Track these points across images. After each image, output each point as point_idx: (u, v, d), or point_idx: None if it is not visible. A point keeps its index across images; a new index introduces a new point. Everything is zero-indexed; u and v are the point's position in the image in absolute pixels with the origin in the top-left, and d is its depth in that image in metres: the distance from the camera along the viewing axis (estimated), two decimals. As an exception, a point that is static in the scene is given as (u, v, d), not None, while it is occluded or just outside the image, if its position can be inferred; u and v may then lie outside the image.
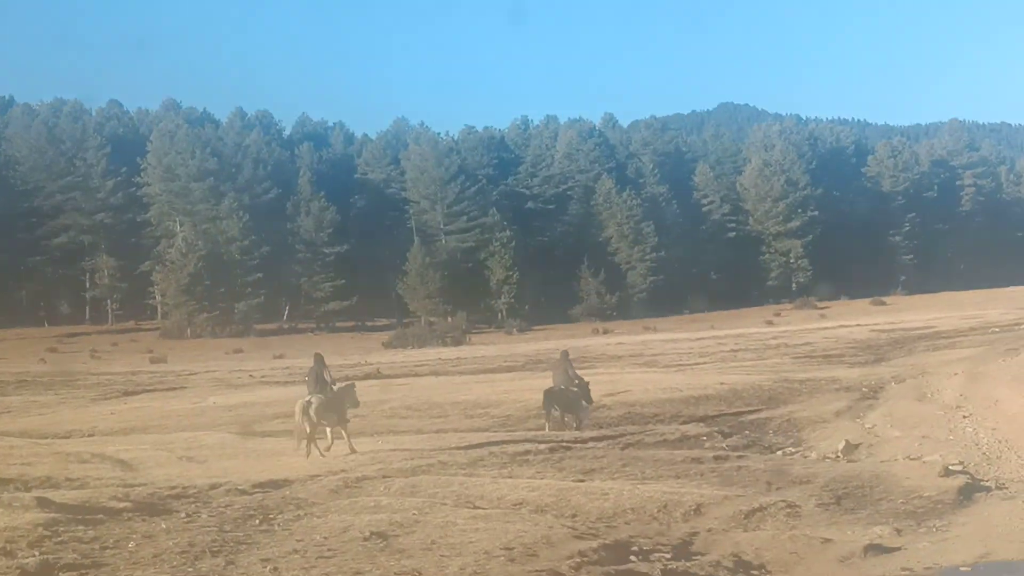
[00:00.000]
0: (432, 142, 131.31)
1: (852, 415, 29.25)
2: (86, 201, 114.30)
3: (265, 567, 12.56)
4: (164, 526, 15.03)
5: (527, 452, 23.65)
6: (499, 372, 53.41)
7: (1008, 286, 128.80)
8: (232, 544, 13.84)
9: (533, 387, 38.15)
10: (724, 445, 25.59)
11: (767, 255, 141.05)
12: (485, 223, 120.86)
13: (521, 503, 17.53)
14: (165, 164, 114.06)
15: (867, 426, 26.94)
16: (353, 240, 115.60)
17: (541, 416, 30.20)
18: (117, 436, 31.15)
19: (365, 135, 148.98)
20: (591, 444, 25.37)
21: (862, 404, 31.30)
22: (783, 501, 17.68)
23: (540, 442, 25.32)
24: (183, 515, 16.16)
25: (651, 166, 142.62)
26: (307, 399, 25.16)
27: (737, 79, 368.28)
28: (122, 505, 16.55)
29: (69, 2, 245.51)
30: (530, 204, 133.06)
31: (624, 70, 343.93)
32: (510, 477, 20.36)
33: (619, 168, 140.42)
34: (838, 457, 23.40)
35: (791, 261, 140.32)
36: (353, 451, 24.59)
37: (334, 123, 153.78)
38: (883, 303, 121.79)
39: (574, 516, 16.61)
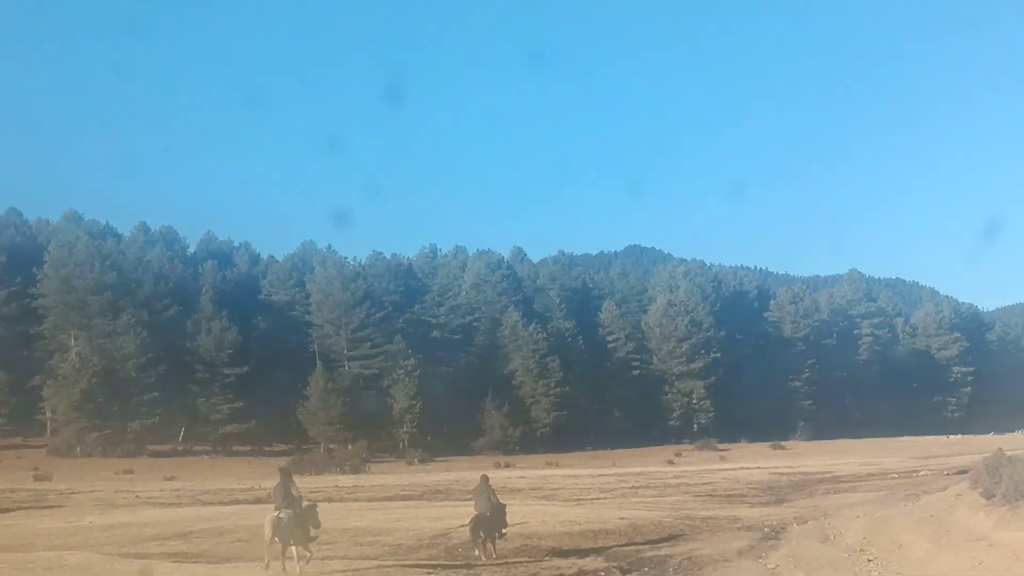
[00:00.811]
0: (339, 266, 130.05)
1: (755, 555, 28.42)
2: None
3: None
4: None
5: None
6: (396, 500, 51.86)
7: (903, 435, 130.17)
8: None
9: (429, 515, 36.98)
10: (623, 583, 24.52)
11: (670, 395, 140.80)
12: (389, 350, 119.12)
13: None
14: (62, 276, 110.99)
15: (770, 567, 26.08)
16: (254, 362, 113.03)
17: (436, 547, 29.08)
18: (-20, 553, 29.32)
19: (271, 256, 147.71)
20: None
21: (764, 544, 30.51)
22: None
23: (430, 571, 24.03)
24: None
25: (558, 301, 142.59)
26: (278, 514, 24.83)
27: (644, 223, 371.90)
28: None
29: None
30: (436, 333, 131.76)
31: (534, 207, 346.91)
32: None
33: (526, 301, 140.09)
34: (742, 598, 22.49)
35: (693, 402, 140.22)
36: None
37: (240, 243, 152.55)
38: (782, 447, 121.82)
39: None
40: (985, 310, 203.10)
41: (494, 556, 28.57)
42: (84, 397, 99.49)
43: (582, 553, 29.07)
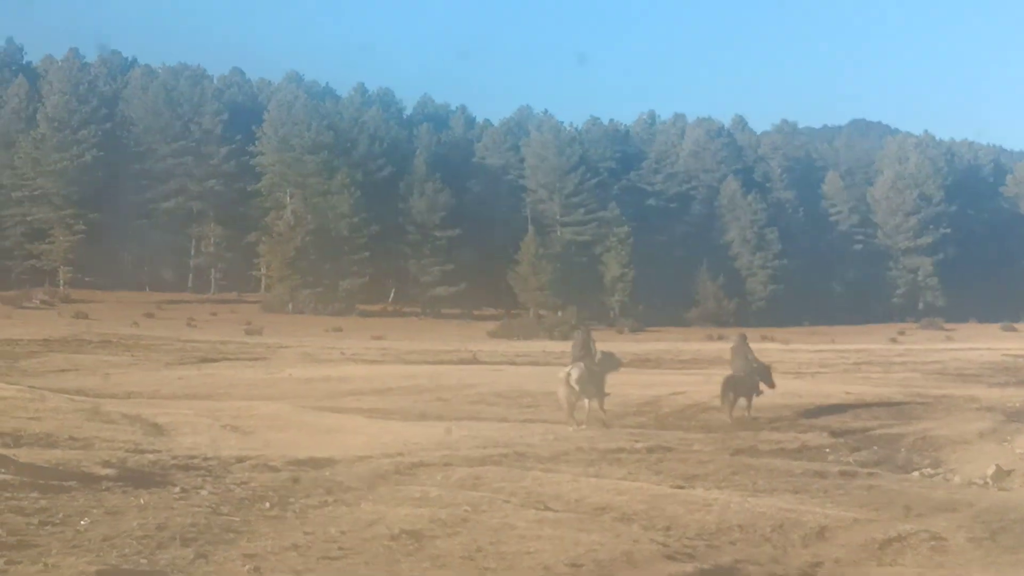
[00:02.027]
0: (554, 130, 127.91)
1: (998, 438, 25.46)
2: (198, 167, 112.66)
3: (245, 564, 9.46)
4: (142, 501, 11.99)
5: (620, 450, 20.33)
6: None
7: None
8: (217, 531, 10.77)
9: (637, 383, 34.94)
10: (851, 460, 21.96)
11: (894, 271, 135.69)
12: (603, 217, 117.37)
13: (604, 508, 14.26)
14: (280, 135, 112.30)
15: (1018, 451, 23.17)
16: (466, 225, 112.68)
17: (644, 414, 27.45)
18: (174, 400, 28.54)
19: (487, 120, 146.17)
20: (696, 447, 21.88)
21: (1008, 427, 27.45)
22: (925, 531, 14.22)
23: (637, 440, 21.95)
24: (177, 490, 13.11)
25: (779, 171, 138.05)
26: (568, 370, 25.07)
27: (871, 96, 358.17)
28: (105, 472, 13.55)
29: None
30: (651, 201, 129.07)
31: (757, 76, 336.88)
32: (596, 477, 17.08)
33: (746, 171, 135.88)
34: (987, 484, 19.71)
35: (919, 279, 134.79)
36: (606, 425, 24.66)
37: (456, 107, 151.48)
38: (1014, 329, 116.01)
39: (667, 529, 13.32)
40: None
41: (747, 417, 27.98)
42: (297, 255, 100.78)
43: (804, 427, 26.67)
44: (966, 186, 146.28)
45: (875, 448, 23.89)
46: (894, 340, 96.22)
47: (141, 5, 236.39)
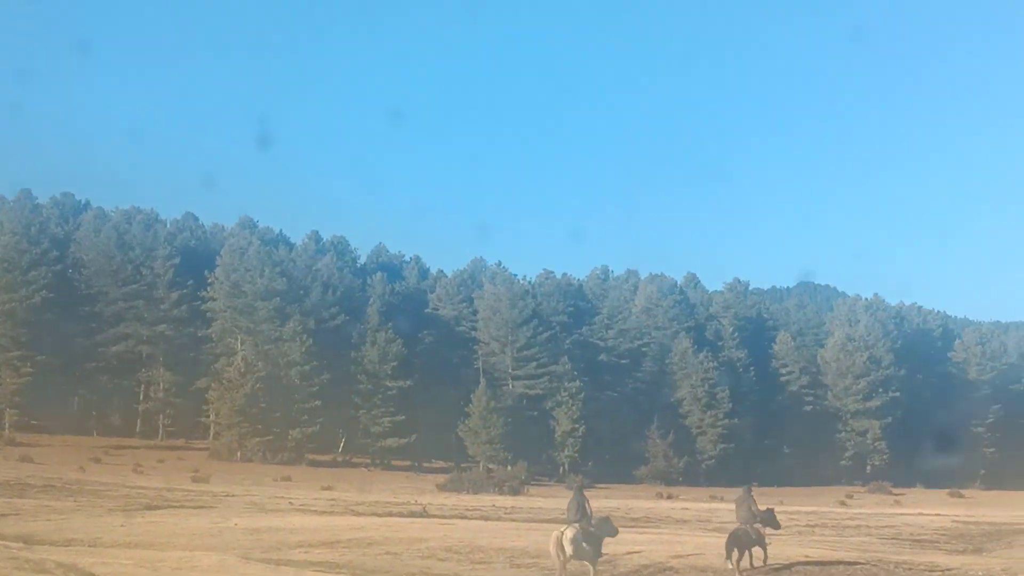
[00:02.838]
0: (508, 283, 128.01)
1: (966, 608, 24.91)
2: (149, 311, 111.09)
3: None
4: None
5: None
6: (556, 523, 49.10)
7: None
8: None
9: (591, 540, 34.05)
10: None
11: (843, 433, 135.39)
12: (555, 371, 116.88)
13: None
14: (232, 280, 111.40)
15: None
16: (417, 376, 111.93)
17: (600, 574, 26.55)
18: (114, 548, 27.46)
19: (440, 271, 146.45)
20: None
21: (975, 598, 26.93)
22: None
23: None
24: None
25: (731, 329, 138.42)
26: (562, 530, 25.22)
27: (819, 259, 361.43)
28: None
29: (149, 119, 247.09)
30: (603, 356, 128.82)
31: (707, 235, 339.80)
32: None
33: (698, 329, 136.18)
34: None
35: (868, 442, 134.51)
36: None
37: (410, 257, 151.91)
38: (961, 495, 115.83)
39: None
40: None
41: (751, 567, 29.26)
42: (247, 402, 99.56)
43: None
44: (915, 350, 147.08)
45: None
46: (843, 503, 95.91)
47: (94, 147, 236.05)
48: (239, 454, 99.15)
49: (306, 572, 23.82)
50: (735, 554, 29.16)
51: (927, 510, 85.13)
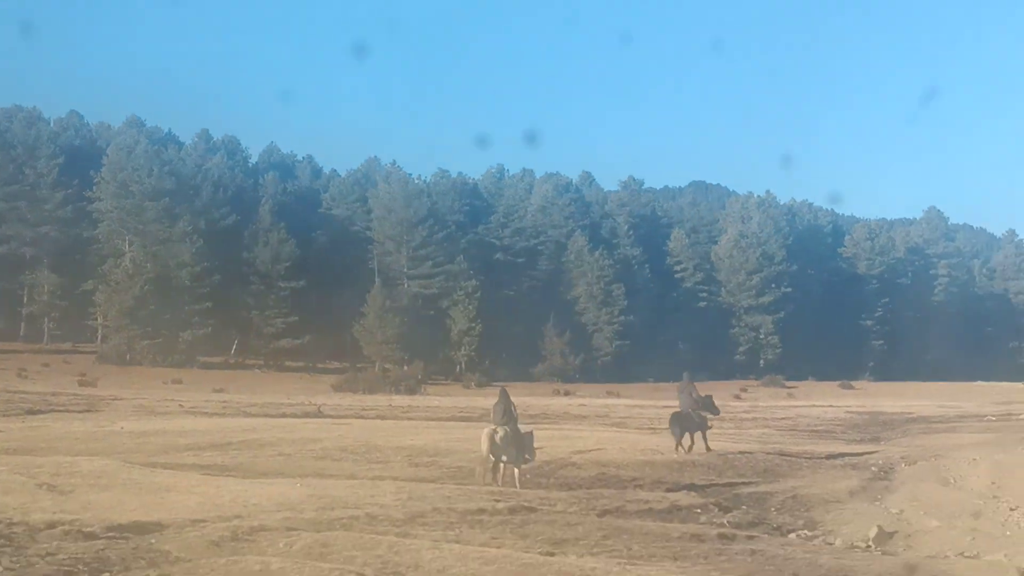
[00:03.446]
0: (402, 182, 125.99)
1: (868, 496, 24.64)
2: (32, 212, 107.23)
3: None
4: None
5: (481, 511, 18.72)
6: (454, 421, 48.45)
7: (975, 380, 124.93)
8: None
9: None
10: (725, 521, 20.72)
11: (737, 328, 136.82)
12: (451, 270, 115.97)
13: (469, 580, 12.65)
14: (120, 180, 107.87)
15: (893, 511, 22.24)
16: (311, 276, 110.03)
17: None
18: (-10, 454, 26.02)
19: (334, 170, 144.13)
20: (560, 507, 20.37)
21: (876, 484, 26.73)
22: (821, 602, 12.92)
23: (497, 499, 20.35)
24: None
25: (626, 227, 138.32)
26: (493, 428, 24.42)
27: (710, 159, 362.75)
28: None
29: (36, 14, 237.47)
30: (499, 255, 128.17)
31: (602, 134, 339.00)
32: (457, 542, 15.46)
33: (593, 227, 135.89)
34: (869, 547, 18.66)
35: (761, 336, 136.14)
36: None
37: (303, 156, 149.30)
38: (851, 387, 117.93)
39: (542, 605, 11.75)
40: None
41: (686, 452, 30.93)
42: (136, 304, 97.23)
43: (669, 486, 25.37)
44: (806, 246, 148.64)
45: (745, 508, 22.81)
46: (738, 397, 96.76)
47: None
48: (128, 357, 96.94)
49: (192, 475, 22.67)
50: (677, 432, 31.27)
51: (820, 402, 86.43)
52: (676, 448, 30.93)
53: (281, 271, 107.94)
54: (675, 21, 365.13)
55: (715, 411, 33.93)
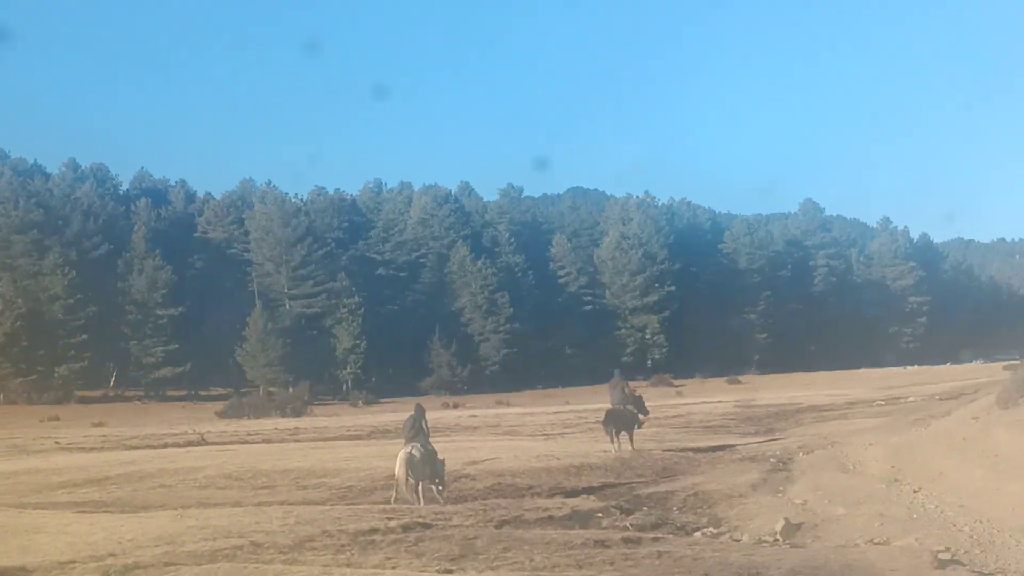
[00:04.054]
0: (279, 202, 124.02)
1: (770, 489, 24.17)
2: None
3: None
4: None
5: (373, 531, 17.78)
6: (342, 440, 47.34)
7: (859, 368, 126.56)
8: None
9: (381, 454, 32.42)
10: (628, 524, 20.02)
11: (623, 330, 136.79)
12: (333, 288, 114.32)
13: (363, 606, 11.75)
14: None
15: (796, 501, 21.77)
16: (190, 302, 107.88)
17: (393, 488, 25.15)
18: None
19: (208, 194, 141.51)
20: (456, 521, 19.53)
21: (777, 476, 26.30)
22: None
23: (390, 517, 19.43)
24: None
25: (507, 235, 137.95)
26: (409, 450, 23.66)
27: (587, 165, 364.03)
28: None
29: None
30: (381, 271, 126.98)
31: (479, 144, 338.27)
32: (348, 566, 14.55)
33: (475, 237, 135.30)
34: (777, 540, 18.11)
35: (647, 337, 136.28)
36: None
37: (176, 181, 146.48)
38: (739, 381, 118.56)
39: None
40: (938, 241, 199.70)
41: (630, 449, 32.17)
42: (8, 341, 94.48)
43: (568, 491, 24.66)
44: (687, 244, 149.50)
45: (647, 509, 22.21)
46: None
47: None
48: (1, 396, 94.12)
49: (65, 514, 21.43)
50: (612, 430, 32.59)
51: (709, 398, 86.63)
52: (612, 444, 32.23)
53: (158, 299, 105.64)
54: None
55: (644, 411, 34.83)
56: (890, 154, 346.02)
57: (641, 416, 34.34)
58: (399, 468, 23.42)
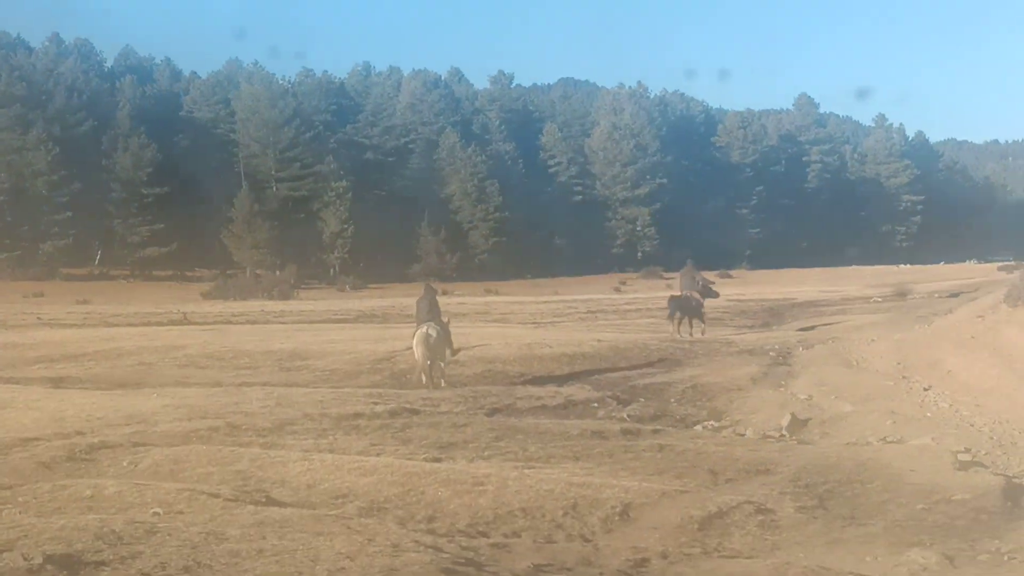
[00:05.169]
0: (266, 83, 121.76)
1: (771, 383, 23.24)
2: None
3: None
4: None
5: (358, 416, 16.88)
6: (328, 323, 46.51)
7: (851, 265, 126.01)
8: None
9: (367, 337, 31.63)
10: (625, 415, 19.13)
11: (613, 221, 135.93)
12: (320, 172, 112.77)
13: (345, 496, 10.93)
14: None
15: (801, 396, 20.86)
16: (175, 182, 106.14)
17: (379, 372, 24.67)
18: None
19: (194, 73, 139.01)
20: (445, 408, 18.61)
21: (777, 370, 25.37)
22: (748, 502, 11.52)
23: (376, 401, 18.51)
24: None
25: (497, 123, 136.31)
26: (426, 330, 23.10)
27: (578, 55, 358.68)
28: None
29: None
30: (369, 155, 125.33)
31: (470, 29, 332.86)
32: (331, 451, 13.63)
33: (464, 123, 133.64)
34: (783, 436, 17.21)
35: (638, 228, 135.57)
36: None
37: (161, 59, 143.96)
38: (730, 276, 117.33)
39: (431, 521, 10.09)
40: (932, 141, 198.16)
41: (689, 337, 33.11)
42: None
43: (561, 379, 23.79)
44: (680, 137, 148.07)
45: (644, 400, 21.30)
46: (617, 289, 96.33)
47: None
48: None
49: (36, 388, 20.53)
50: (677, 315, 34.26)
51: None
52: (676, 329, 33.82)
53: (143, 177, 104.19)
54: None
55: (714, 294, 38.51)
56: (885, 54, 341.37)
57: (707, 300, 36.56)
58: (417, 347, 23.03)
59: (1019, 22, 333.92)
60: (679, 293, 35.76)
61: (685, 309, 34.46)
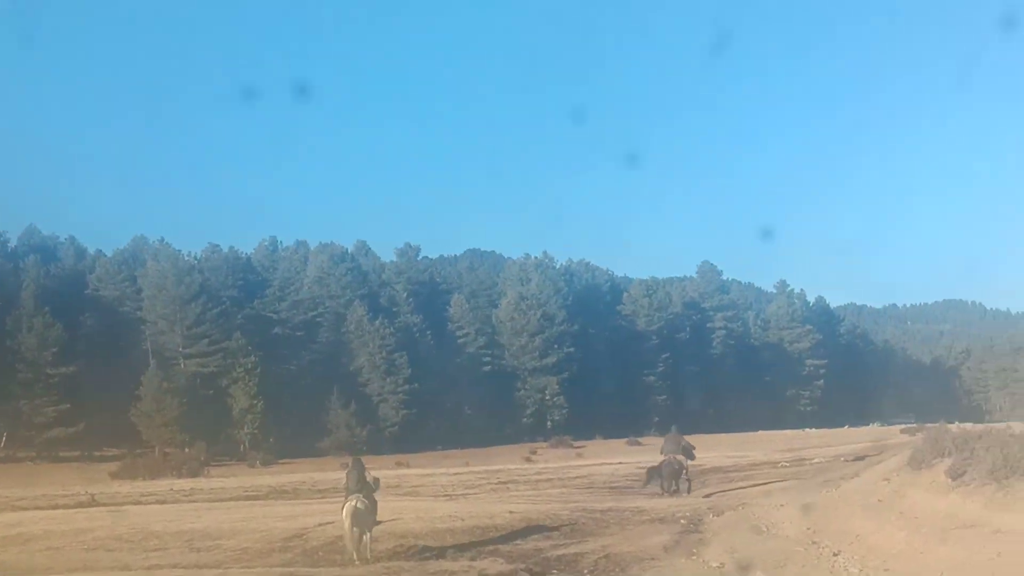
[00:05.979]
0: (172, 259, 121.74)
1: (684, 551, 23.55)
2: None
3: None
4: None
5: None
6: (239, 500, 46.04)
7: (757, 430, 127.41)
8: None
9: (278, 515, 31.44)
10: (537, 589, 19.30)
11: (522, 391, 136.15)
12: (228, 347, 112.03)
13: None
14: None
15: (713, 564, 21.16)
16: (82, 361, 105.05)
17: (290, 550, 24.24)
18: None
19: (99, 251, 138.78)
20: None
21: (689, 538, 25.71)
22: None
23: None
24: None
25: (405, 294, 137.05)
26: (355, 503, 23.37)
27: (484, 226, 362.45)
28: None
29: None
30: (277, 329, 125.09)
31: (376, 202, 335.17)
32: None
33: (372, 296, 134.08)
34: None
35: (546, 398, 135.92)
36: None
37: (65, 238, 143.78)
38: (639, 443, 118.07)
39: None
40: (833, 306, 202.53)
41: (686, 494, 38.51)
42: None
43: (474, 553, 23.88)
44: (586, 305, 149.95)
45: (555, 572, 21.43)
46: (528, 459, 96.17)
47: None
48: None
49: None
50: (669, 482, 38.99)
51: (610, 459, 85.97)
52: (665, 493, 38.90)
53: (49, 357, 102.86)
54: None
55: (693, 456, 41.85)
56: (790, 220, 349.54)
57: (688, 462, 40.73)
58: (346, 519, 23.15)
59: (913, 190, 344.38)
60: (663, 457, 40.28)
61: (667, 473, 39.33)
